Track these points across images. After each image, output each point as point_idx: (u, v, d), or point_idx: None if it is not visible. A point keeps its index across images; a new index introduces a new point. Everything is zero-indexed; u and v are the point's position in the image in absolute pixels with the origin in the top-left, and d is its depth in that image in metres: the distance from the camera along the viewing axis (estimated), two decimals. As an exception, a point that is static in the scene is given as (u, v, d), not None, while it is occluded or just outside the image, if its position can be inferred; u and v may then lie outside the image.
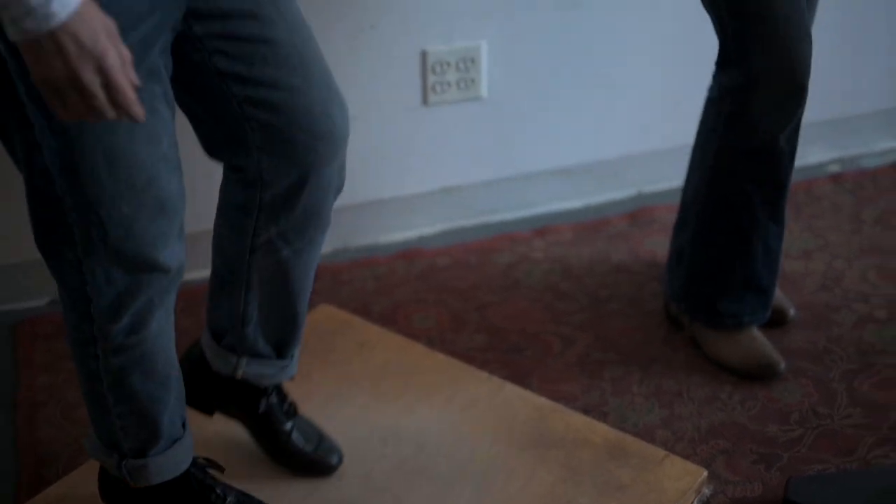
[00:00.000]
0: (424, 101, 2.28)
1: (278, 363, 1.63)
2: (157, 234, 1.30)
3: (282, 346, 1.63)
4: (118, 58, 1.08)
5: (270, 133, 1.39)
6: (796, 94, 1.78)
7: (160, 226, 1.30)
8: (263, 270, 1.52)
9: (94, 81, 1.08)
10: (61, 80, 1.07)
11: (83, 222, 1.27)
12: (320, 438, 1.72)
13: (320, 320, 2.06)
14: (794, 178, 2.51)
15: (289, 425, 1.69)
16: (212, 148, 1.45)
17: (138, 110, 1.11)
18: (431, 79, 2.26)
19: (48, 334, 2.08)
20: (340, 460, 1.72)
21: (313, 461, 1.70)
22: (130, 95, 1.10)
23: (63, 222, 1.28)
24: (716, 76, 1.88)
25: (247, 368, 1.62)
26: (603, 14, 2.31)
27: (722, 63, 1.85)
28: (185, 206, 1.35)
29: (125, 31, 1.12)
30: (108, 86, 1.09)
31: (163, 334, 1.43)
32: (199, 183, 1.69)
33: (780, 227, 1.92)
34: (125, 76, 1.09)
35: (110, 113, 1.10)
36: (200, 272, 1.90)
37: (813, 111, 2.53)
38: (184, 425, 1.53)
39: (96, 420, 1.49)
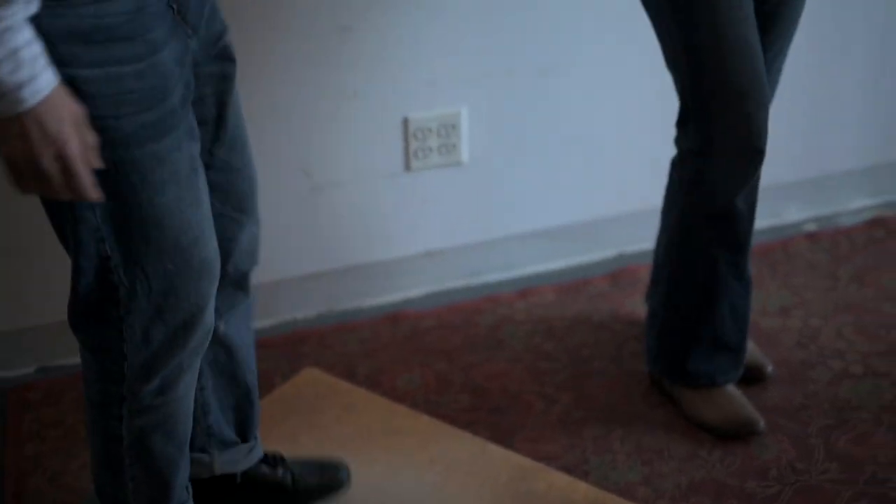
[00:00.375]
0: (407, 166, 2.33)
1: (244, 448, 1.70)
2: (199, 293, 1.36)
3: (244, 429, 1.70)
4: (80, 146, 1.15)
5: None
6: (753, 158, 1.83)
7: (202, 284, 1.36)
8: (207, 351, 1.56)
9: (53, 167, 1.14)
10: (20, 161, 1.14)
11: (129, 278, 1.32)
12: (320, 466, 1.80)
13: (306, 384, 2.09)
14: (772, 236, 2.58)
15: (285, 474, 1.74)
16: None
17: (94, 195, 1.18)
18: (413, 145, 2.31)
19: (36, 402, 2.11)
20: (348, 472, 1.81)
21: (325, 488, 1.78)
22: (86, 183, 1.17)
23: (108, 281, 1.32)
24: (677, 139, 1.93)
25: (220, 461, 1.68)
26: (580, 78, 2.37)
27: (682, 126, 1.90)
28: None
29: (166, 94, 1.22)
30: (67, 171, 1.15)
31: (187, 397, 1.48)
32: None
33: (744, 285, 1.97)
34: (85, 163, 1.16)
35: (65, 195, 1.17)
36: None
37: (789, 171, 2.61)
38: (187, 489, 1.56)
39: (106, 483, 1.52)
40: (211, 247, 1.37)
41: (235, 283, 1.61)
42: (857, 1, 2.53)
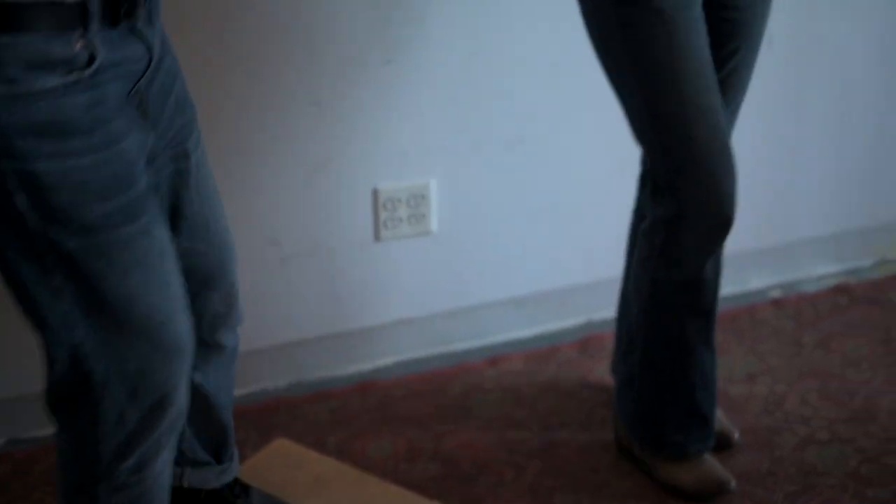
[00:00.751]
0: (377, 236, 2.36)
1: (218, 468, 1.75)
2: (171, 374, 1.37)
3: (219, 453, 1.75)
4: None
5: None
6: (723, 226, 1.86)
7: (174, 366, 1.37)
8: None
9: None
10: None
11: (102, 363, 1.32)
12: None
13: (276, 455, 2.10)
14: (737, 303, 2.62)
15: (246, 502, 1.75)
16: None
17: None
18: (383, 215, 2.34)
19: (6, 474, 2.10)
20: None
21: None
22: None
23: (81, 369, 1.32)
24: (649, 208, 1.96)
25: (191, 477, 1.72)
26: (546, 149, 2.42)
27: (653, 195, 1.93)
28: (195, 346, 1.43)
29: (134, 180, 1.25)
30: None
31: (164, 472, 1.48)
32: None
33: (712, 354, 1.99)
34: None
35: None
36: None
37: (754, 238, 2.65)
38: None
39: None
40: (182, 327, 1.38)
41: (208, 343, 1.64)
42: (816, 69, 2.59)
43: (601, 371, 2.39)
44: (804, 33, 2.54)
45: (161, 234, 1.34)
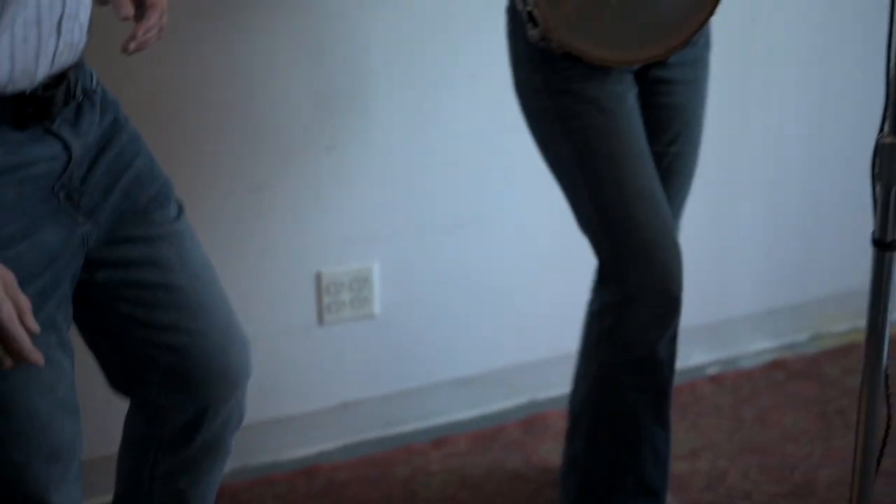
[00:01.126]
0: (320, 320, 2.37)
1: None
2: (50, 480, 1.32)
3: None
4: (13, 309, 1.14)
5: (170, 373, 1.46)
6: (671, 306, 1.90)
7: (54, 471, 1.33)
8: (163, 498, 1.56)
9: None
10: None
11: None
12: None
13: (221, 542, 2.07)
14: (677, 380, 2.63)
15: None
16: (115, 382, 1.51)
17: (36, 357, 1.16)
18: (326, 299, 2.35)
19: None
20: None
21: None
22: (26, 345, 1.15)
23: None
24: (595, 292, 1.99)
25: None
26: (489, 230, 2.45)
27: (600, 280, 1.96)
28: (82, 447, 1.38)
29: (21, 286, 1.18)
30: (3, 337, 1.14)
31: None
32: (99, 409, 1.73)
33: (666, 431, 2.02)
34: (20, 326, 1.14)
35: (7, 362, 1.15)
36: (102, 497, 1.92)
37: (691, 315, 2.68)
38: None
39: None
40: (64, 434, 1.33)
41: (207, 446, 1.57)
42: (748, 149, 2.67)
43: (545, 451, 2.40)
44: (737, 112, 2.61)
45: (49, 338, 1.28)
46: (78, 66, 1.34)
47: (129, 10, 1.35)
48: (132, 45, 1.38)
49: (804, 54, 2.66)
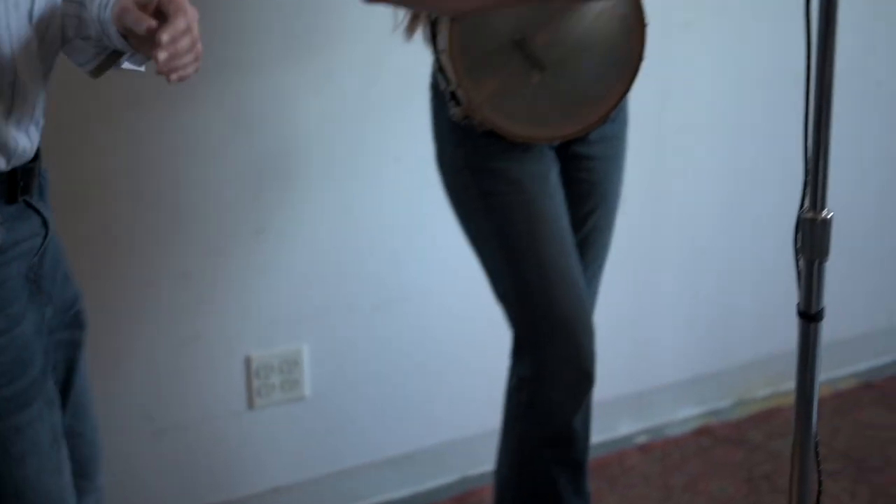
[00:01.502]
0: (250, 404, 2.35)
1: None
2: None
3: None
4: None
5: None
6: (585, 381, 1.93)
7: None
8: None
9: None
10: None
11: None
12: None
13: None
14: (606, 450, 2.68)
15: None
16: None
17: None
18: (256, 382, 2.34)
19: None
20: None
21: None
22: None
23: None
24: (512, 367, 2.02)
25: None
26: (417, 308, 2.47)
27: (516, 355, 1.99)
28: None
29: (28, 365, 1.24)
30: None
31: None
32: None
33: (584, 501, 2.03)
34: None
35: None
36: None
37: (618, 386, 2.72)
38: None
39: None
40: None
41: None
42: (668, 224, 2.73)
43: (480, 527, 2.40)
44: (655, 185, 2.67)
45: (54, 418, 1.32)
46: None
47: (150, 20, 1.18)
48: (165, 66, 1.18)
49: (717, 127, 2.74)
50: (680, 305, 2.82)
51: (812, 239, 1.40)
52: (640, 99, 2.01)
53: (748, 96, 2.75)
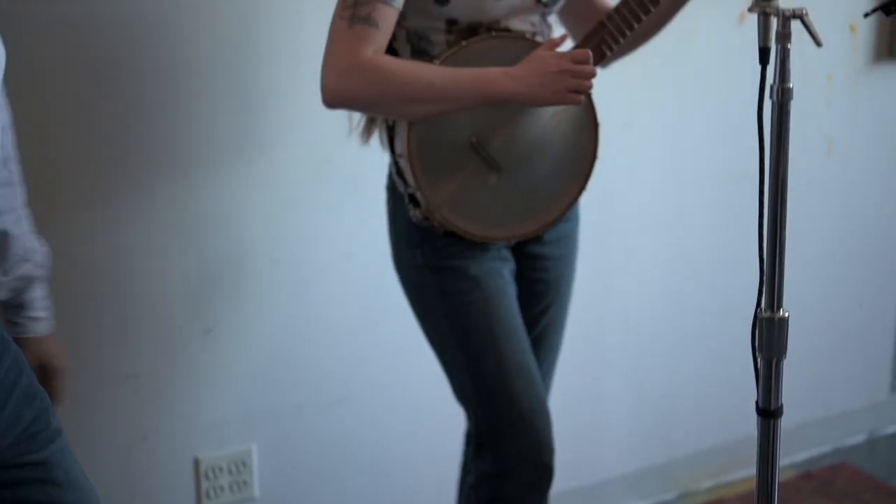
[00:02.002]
0: (199, 506, 2.32)
1: None
2: None
3: None
4: None
5: None
6: (546, 475, 1.94)
7: None
8: None
9: None
10: None
11: None
12: None
13: None
14: (557, 546, 2.67)
15: None
16: None
17: None
18: (205, 484, 2.31)
19: None
20: None
21: None
22: None
23: None
24: (471, 462, 2.02)
25: None
26: (367, 407, 2.46)
27: (476, 451, 1.99)
28: None
29: None
30: None
31: None
32: None
33: None
34: None
35: None
36: None
37: (565, 479, 2.70)
38: None
39: None
40: None
41: None
42: (612, 314, 2.77)
43: None
44: (601, 281, 2.71)
45: None
46: None
47: None
48: None
49: (659, 224, 2.80)
50: (624, 399, 2.84)
51: (770, 338, 1.43)
52: (586, 196, 2.05)
53: (688, 194, 2.82)
